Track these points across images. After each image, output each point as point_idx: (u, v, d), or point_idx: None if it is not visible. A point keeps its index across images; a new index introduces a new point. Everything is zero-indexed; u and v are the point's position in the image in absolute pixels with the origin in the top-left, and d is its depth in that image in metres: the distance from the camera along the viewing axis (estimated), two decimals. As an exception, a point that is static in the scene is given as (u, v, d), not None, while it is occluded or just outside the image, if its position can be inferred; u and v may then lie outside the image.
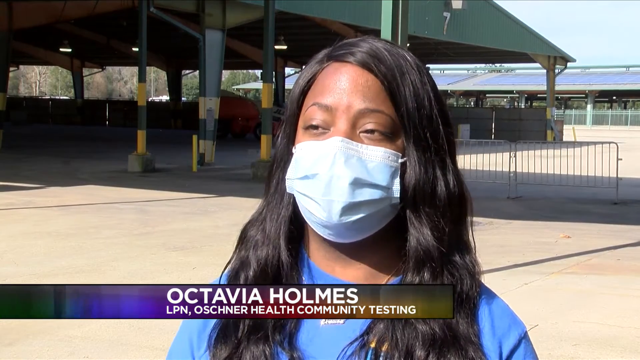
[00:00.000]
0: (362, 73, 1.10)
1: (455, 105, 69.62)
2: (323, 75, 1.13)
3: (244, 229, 1.20)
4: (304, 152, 1.10)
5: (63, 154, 25.92)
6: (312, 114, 1.11)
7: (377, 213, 1.09)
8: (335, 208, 1.07)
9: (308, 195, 1.09)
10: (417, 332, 1.07)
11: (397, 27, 8.86)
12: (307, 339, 1.12)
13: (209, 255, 9.22)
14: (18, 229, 10.98)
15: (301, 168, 1.09)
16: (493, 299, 1.16)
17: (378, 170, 1.08)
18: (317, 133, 1.10)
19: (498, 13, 34.04)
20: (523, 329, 1.16)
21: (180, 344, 1.21)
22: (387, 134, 1.09)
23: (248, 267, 1.16)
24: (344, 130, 1.08)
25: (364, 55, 1.11)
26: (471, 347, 1.08)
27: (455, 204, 1.13)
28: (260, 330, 1.11)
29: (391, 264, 1.14)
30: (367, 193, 1.07)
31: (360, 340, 1.09)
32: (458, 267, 1.11)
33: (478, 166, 18.03)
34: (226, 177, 19.97)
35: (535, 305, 7.19)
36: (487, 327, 1.12)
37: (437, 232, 1.10)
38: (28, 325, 6.29)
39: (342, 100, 1.09)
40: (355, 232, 1.09)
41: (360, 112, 1.09)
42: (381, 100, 1.10)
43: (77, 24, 35.48)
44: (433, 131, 1.12)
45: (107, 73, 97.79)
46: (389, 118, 1.10)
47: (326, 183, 1.07)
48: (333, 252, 1.14)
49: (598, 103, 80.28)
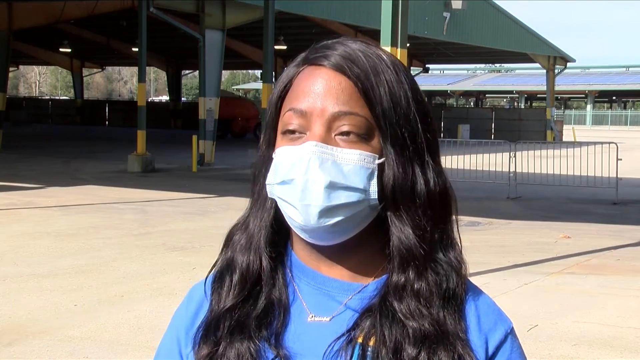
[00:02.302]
0: (335, 76, 1.11)
1: (455, 105, 69.62)
2: (298, 80, 1.14)
3: (230, 232, 1.23)
4: (281, 157, 1.11)
5: (63, 154, 25.93)
6: (289, 119, 1.12)
7: (356, 215, 1.10)
8: (312, 212, 1.07)
9: (286, 200, 1.10)
10: (405, 328, 1.08)
11: (397, 27, 8.86)
12: (294, 336, 1.13)
13: (209, 255, 9.21)
14: (18, 229, 10.98)
15: (279, 173, 1.11)
16: (479, 295, 1.17)
17: (354, 173, 1.09)
18: (293, 138, 1.11)
19: (498, 13, 34.04)
20: (509, 324, 1.17)
21: (168, 341, 1.23)
22: (362, 135, 1.10)
23: (233, 271, 1.18)
24: (318, 135, 1.09)
25: (337, 57, 1.12)
26: (459, 343, 1.09)
27: (437, 201, 1.13)
28: (245, 328, 1.12)
29: (376, 262, 1.15)
30: (344, 196, 1.08)
31: (347, 336, 1.10)
32: (442, 264, 1.12)
33: (478, 166, 18.03)
34: (226, 177, 19.97)
35: (535, 305, 7.18)
36: (473, 323, 1.13)
37: (418, 231, 1.11)
38: (28, 326, 6.30)
39: (317, 104, 1.10)
40: (334, 234, 1.10)
41: (334, 115, 1.09)
42: (355, 102, 1.10)
43: (77, 24, 35.48)
44: (411, 130, 1.12)
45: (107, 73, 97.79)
46: (364, 119, 1.10)
47: (302, 188, 1.07)
48: (316, 253, 1.15)
49: (598, 103, 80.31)
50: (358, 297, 1.13)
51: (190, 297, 1.23)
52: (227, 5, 23.11)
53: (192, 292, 1.24)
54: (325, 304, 1.14)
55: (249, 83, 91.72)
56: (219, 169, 21.89)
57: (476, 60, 55.47)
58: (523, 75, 70.12)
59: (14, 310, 6.76)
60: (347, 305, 1.13)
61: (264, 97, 21.25)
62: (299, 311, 1.15)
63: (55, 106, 57.17)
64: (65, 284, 7.73)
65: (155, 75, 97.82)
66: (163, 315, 6.59)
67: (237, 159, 24.64)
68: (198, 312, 1.20)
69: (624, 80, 68.56)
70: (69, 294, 7.33)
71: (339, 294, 1.14)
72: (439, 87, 69.58)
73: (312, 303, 1.15)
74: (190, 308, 1.21)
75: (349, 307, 1.13)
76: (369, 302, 1.12)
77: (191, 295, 1.23)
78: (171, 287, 7.67)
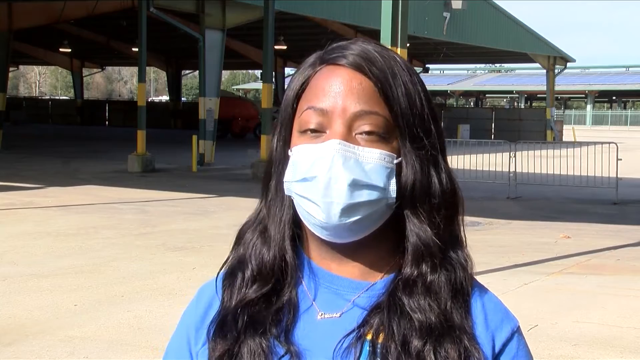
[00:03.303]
0: (355, 75, 1.12)
1: (455, 105, 69.61)
2: (316, 79, 1.14)
3: (241, 230, 1.23)
4: (301, 155, 1.12)
5: (63, 154, 25.92)
6: (308, 117, 1.12)
7: (374, 213, 1.11)
8: (334, 209, 1.08)
9: (307, 197, 1.10)
10: (413, 322, 1.09)
11: (397, 27, 8.87)
12: (304, 333, 1.14)
13: (209, 255, 9.22)
14: (18, 229, 10.97)
15: (299, 171, 1.11)
16: (486, 293, 1.18)
17: (375, 172, 1.10)
18: (313, 136, 1.12)
19: (498, 13, 34.03)
20: (516, 323, 1.18)
21: (178, 339, 1.23)
22: (382, 135, 1.11)
23: (246, 267, 1.18)
24: (340, 133, 1.10)
25: (356, 57, 1.13)
26: (466, 336, 1.10)
27: (449, 200, 1.15)
28: (258, 325, 1.13)
29: (385, 261, 1.16)
30: (365, 194, 1.09)
31: (357, 333, 1.11)
32: (452, 261, 1.14)
33: (478, 166, 18.03)
34: (226, 177, 19.97)
35: (535, 305, 7.18)
36: (480, 320, 1.14)
37: (433, 228, 1.13)
38: (28, 326, 6.30)
39: (337, 103, 1.11)
40: (352, 232, 1.11)
41: (356, 115, 1.10)
42: (375, 102, 1.11)
43: (77, 24, 35.49)
44: (425, 130, 1.14)
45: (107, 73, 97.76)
46: (384, 119, 1.11)
47: (325, 185, 1.08)
48: (330, 251, 1.16)
49: (598, 103, 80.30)
50: (366, 294, 1.15)
51: (200, 296, 1.24)
52: (227, 5, 23.10)
53: (202, 291, 1.25)
54: (333, 302, 1.15)
55: (249, 83, 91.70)
56: (219, 169, 21.89)
57: (476, 61, 55.48)
58: (523, 75, 70.11)
59: (14, 310, 6.76)
60: (355, 303, 1.14)
61: (264, 97, 21.22)
62: (308, 309, 1.16)
63: (55, 106, 57.22)
64: (65, 284, 7.73)
65: (155, 75, 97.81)
66: (163, 315, 6.60)
67: (237, 159, 24.64)
68: (208, 310, 1.21)
69: (624, 80, 68.54)
70: (69, 294, 7.33)
71: (347, 292, 1.15)
72: (439, 87, 69.52)
73: (320, 301, 1.16)
74: (200, 307, 1.22)
75: (357, 304, 1.14)
76: (378, 299, 1.13)
77: (201, 295, 1.24)
78: (171, 287, 7.66)
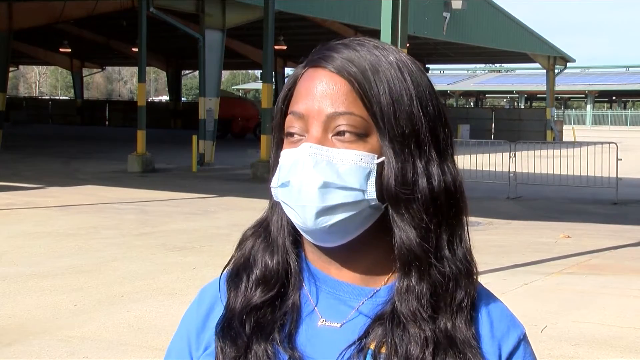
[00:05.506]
0: (332, 76, 1.10)
1: (455, 105, 69.62)
2: (300, 83, 1.14)
3: (246, 232, 1.21)
4: (283, 160, 1.11)
5: (63, 154, 25.92)
6: (290, 122, 1.12)
7: (356, 216, 1.08)
8: (308, 213, 1.07)
9: (286, 202, 1.10)
10: (417, 336, 1.07)
11: (397, 27, 8.87)
12: (306, 339, 1.12)
13: (209, 255, 9.22)
14: (18, 229, 10.97)
15: (280, 176, 1.10)
16: (491, 300, 1.15)
17: (349, 173, 1.07)
18: (294, 140, 1.11)
19: (498, 13, 34.04)
20: (522, 330, 1.15)
21: (178, 343, 1.21)
22: (359, 134, 1.08)
23: (250, 269, 1.17)
24: (315, 136, 1.08)
25: (335, 58, 1.11)
26: (470, 350, 1.08)
27: (442, 199, 1.10)
28: (264, 330, 1.11)
29: (387, 265, 1.13)
30: (340, 196, 1.07)
31: (358, 344, 1.08)
32: (450, 264, 1.10)
33: (478, 166, 18.02)
34: (226, 177, 19.97)
35: (535, 305, 7.18)
36: (486, 329, 1.12)
37: (420, 230, 1.08)
38: (27, 326, 6.30)
39: (314, 106, 1.09)
40: (335, 235, 1.09)
41: (330, 116, 1.08)
42: (351, 102, 1.08)
43: (77, 24, 35.48)
44: (413, 128, 1.09)
45: (107, 73, 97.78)
46: (360, 118, 1.08)
47: (298, 189, 1.07)
48: (325, 256, 1.14)
49: (598, 103, 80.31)
50: (370, 302, 1.12)
51: (201, 299, 1.21)
52: (227, 5, 23.10)
53: (203, 293, 1.22)
54: (336, 308, 1.13)
55: (249, 83, 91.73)
56: (219, 169, 21.89)
57: (476, 60, 55.49)
58: (523, 75, 70.11)
59: (14, 310, 6.76)
60: (359, 310, 1.12)
61: (264, 97, 21.22)
62: (310, 314, 1.14)
63: (55, 106, 57.23)
64: (65, 284, 7.73)
65: (155, 75, 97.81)
66: (163, 315, 6.60)
67: (237, 159, 24.64)
68: (210, 313, 1.18)
69: (624, 80, 68.55)
70: (69, 294, 7.32)
71: (350, 298, 1.13)
72: (439, 87, 69.22)
73: (323, 306, 1.14)
74: (202, 310, 1.20)
75: (361, 312, 1.12)
76: (382, 308, 1.10)
77: (202, 297, 1.22)
78: (171, 287, 7.66)
